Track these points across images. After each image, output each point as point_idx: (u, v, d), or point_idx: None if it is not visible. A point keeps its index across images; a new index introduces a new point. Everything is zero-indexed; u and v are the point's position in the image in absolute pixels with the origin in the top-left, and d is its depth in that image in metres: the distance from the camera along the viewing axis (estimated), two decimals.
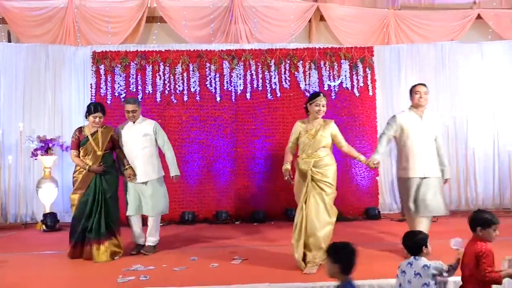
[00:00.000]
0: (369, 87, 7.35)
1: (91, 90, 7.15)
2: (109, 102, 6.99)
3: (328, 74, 7.33)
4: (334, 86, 7.31)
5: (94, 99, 6.96)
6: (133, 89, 7.13)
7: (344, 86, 7.32)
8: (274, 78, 7.28)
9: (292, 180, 4.39)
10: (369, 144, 7.12)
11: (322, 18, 8.14)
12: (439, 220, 5.92)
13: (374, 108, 7.36)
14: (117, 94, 7.11)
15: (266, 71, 7.30)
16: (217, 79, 7.23)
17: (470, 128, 7.64)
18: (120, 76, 7.15)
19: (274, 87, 7.27)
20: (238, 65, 7.28)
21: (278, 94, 7.25)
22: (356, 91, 7.32)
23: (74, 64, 7.48)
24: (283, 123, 7.09)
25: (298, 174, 4.42)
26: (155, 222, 5.04)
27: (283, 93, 7.25)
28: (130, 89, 7.13)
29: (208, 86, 7.22)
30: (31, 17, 7.63)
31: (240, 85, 7.26)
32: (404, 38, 8.09)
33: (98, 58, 7.18)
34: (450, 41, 7.97)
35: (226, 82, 7.25)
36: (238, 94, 7.25)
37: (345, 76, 7.34)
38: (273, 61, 7.31)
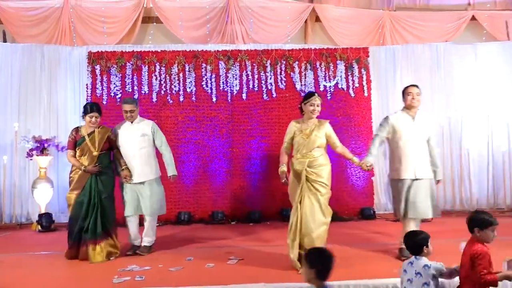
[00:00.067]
0: (364, 88, 7.39)
1: (87, 91, 7.15)
2: (105, 103, 6.98)
3: (323, 75, 7.36)
4: (330, 86, 7.34)
5: (90, 100, 6.95)
6: (129, 89, 7.13)
7: (339, 86, 7.35)
8: (270, 78, 7.30)
9: (287, 179, 4.38)
10: (364, 144, 7.15)
11: (317, 19, 8.18)
12: (434, 220, 5.94)
13: (370, 108, 7.40)
14: (113, 95, 7.11)
15: (262, 72, 7.31)
16: (213, 80, 7.25)
17: (464, 128, 7.69)
18: (116, 76, 7.14)
19: (270, 88, 7.29)
20: (234, 65, 7.29)
21: (274, 95, 7.27)
22: (351, 92, 7.35)
23: (70, 64, 7.47)
24: (279, 124, 7.10)
25: (293, 175, 4.41)
26: (152, 222, 5.04)
27: (279, 93, 7.27)
28: (126, 89, 7.13)
29: (204, 86, 7.23)
30: (27, 17, 7.61)
31: (236, 85, 7.27)
32: (399, 39, 8.14)
33: (94, 58, 7.18)
34: (445, 42, 8.02)
35: (222, 82, 7.26)
36: (234, 94, 7.26)
37: (340, 76, 7.37)
38: (269, 61, 7.33)
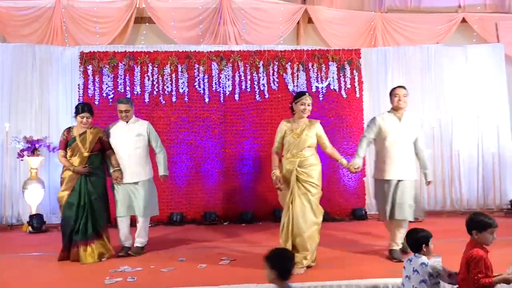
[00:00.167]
0: (356, 89, 7.42)
1: (79, 91, 7.10)
2: (97, 103, 6.94)
3: (316, 76, 7.39)
4: (322, 87, 7.37)
5: (82, 100, 6.90)
6: (121, 89, 7.10)
7: (331, 87, 7.38)
8: (263, 79, 7.32)
9: (281, 185, 4.28)
10: (356, 145, 7.07)
11: (310, 21, 8.21)
12: (425, 220, 6.00)
13: (361, 109, 7.44)
14: (105, 95, 7.08)
15: (255, 73, 7.33)
16: (205, 80, 7.24)
17: (455, 130, 7.74)
18: (108, 76, 7.11)
19: (262, 89, 7.30)
20: (227, 66, 7.30)
21: (267, 96, 7.29)
22: (343, 93, 7.39)
23: (62, 64, 7.41)
24: (271, 124, 7.10)
25: (283, 177, 4.37)
26: (145, 223, 5.02)
27: (271, 94, 7.29)
28: (118, 89, 7.10)
29: (196, 87, 7.23)
30: (18, 16, 7.55)
31: (228, 86, 7.28)
32: (390, 40, 8.20)
33: (86, 58, 7.14)
34: (436, 44, 8.08)
35: (215, 83, 7.26)
36: (227, 95, 7.27)
37: (332, 78, 7.40)
38: (261, 62, 7.34)
